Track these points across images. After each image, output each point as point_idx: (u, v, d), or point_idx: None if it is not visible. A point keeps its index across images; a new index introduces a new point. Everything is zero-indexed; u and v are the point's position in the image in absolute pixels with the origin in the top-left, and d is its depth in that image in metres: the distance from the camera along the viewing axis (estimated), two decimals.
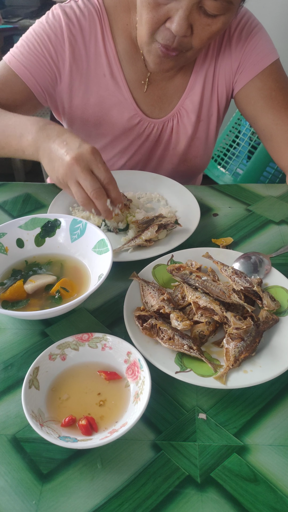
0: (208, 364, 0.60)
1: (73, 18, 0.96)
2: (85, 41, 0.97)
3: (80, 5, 0.97)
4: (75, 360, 0.61)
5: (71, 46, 0.96)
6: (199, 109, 1.05)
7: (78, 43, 0.97)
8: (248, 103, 1.03)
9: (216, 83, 1.03)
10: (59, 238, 0.78)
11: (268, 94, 1.00)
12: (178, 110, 1.05)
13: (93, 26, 0.97)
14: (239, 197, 1.01)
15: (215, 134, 1.13)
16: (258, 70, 0.99)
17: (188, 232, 0.84)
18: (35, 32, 0.96)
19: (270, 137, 1.03)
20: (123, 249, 0.82)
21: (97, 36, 0.97)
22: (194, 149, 1.12)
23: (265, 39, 1.00)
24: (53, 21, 0.96)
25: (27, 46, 0.96)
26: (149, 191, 0.98)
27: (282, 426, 0.57)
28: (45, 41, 0.95)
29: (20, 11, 2.32)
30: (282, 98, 1.00)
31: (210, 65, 1.02)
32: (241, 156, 2.06)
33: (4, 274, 0.74)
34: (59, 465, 0.53)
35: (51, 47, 0.96)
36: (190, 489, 0.51)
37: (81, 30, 0.96)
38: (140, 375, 0.58)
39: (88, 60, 0.98)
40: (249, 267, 0.76)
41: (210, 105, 1.06)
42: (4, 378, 0.63)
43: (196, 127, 1.07)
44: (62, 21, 0.95)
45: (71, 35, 0.96)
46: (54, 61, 0.97)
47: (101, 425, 0.55)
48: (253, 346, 0.61)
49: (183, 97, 1.04)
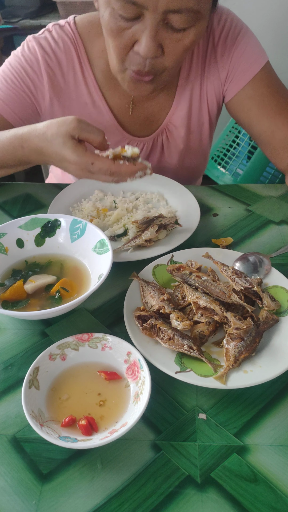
0: (208, 364, 0.60)
1: (49, 51, 0.94)
2: (63, 73, 0.95)
3: (54, 36, 0.94)
4: (75, 360, 0.61)
5: (49, 79, 0.95)
6: (188, 123, 1.03)
7: (57, 75, 0.95)
8: (241, 111, 1.01)
9: (204, 94, 1.01)
10: (59, 238, 0.78)
11: (261, 101, 0.97)
12: (166, 126, 1.03)
13: (70, 56, 0.95)
14: (239, 197, 1.01)
15: (209, 142, 1.11)
16: (248, 78, 0.96)
17: (188, 232, 0.84)
18: (12, 67, 0.95)
19: (267, 143, 1.02)
20: (123, 249, 0.82)
21: (74, 67, 0.95)
22: (188, 159, 1.10)
23: (252, 43, 0.96)
24: (29, 54, 0.94)
25: (5, 81, 0.94)
26: (149, 191, 0.98)
27: (282, 426, 0.57)
28: (23, 76, 0.94)
29: (20, 12, 2.32)
30: (275, 103, 0.97)
31: (196, 77, 0.99)
32: (241, 156, 2.06)
33: (4, 274, 0.74)
34: (59, 465, 0.53)
35: (29, 81, 0.94)
36: (190, 489, 0.51)
37: (58, 63, 0.95)
38: (140, 375, 0.58)
39: (69, 91, 0.97)
40: (249, 267, 0.76)
41: (200, 116, 1.04)
42: (4, 378, 0.63)
43: (187, 140, 1.06)
44: (38, 54, 0.93)
45: (48, 68, 0.94)
46: (34, 95, 0.96)
47: (101, 425, 0.55)
48: (253, 346, 0.61)
49: (170, 113, 1.02)
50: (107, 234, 0.85)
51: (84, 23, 0.96)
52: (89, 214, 0.90)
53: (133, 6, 0.72)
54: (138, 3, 0.71)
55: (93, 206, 0.91)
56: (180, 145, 1.06)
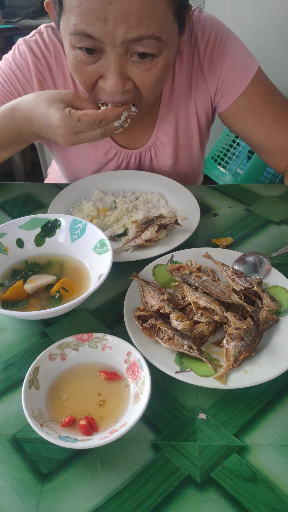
0: (208, 364, 0.60)
1: (39, 55, 0.93)
2: (54, 78, 0.95)
3: (45, 39, 0.93)
4: (75, 360, 0.61)
5: (39, 84, 0.94)
6: (175, 139, 1.01)
7: (47, 80, 0.95)
8: (236, 122, 0.99)
9: (192, 110, 0.98)
10: (59, 238, 0.79)
11: (256, 113, 0.95)
12: (154, 142, 1.02)
13: (60, 60, 0.94)
14: (239, 197, 1.01)
15: (200, 152, 1.09)
16: (240, 90, 0.93)
17: (188, 232, 0.84)
18: (2, 71, 0.95)
19: (264, 151, 1.02)
20: (123, 249, 0.82)
21: (65, 72, 0.95)
22: (179, 171, 1.09)
23: (239, 53, 0.92)
24: (20, 59, 0.93)
25: None
26: (149, 191, 0.98)
27: (282, 426, 0.57)
28: (13, 80, 0.94)
29: (20, 11, 2.32)
30: (269, 113, 0.95)
31: (181, 95, 0.96)
32: (241, 156, 2.07)
33: (4, 274, 0.74)
34: (59, 465, 0.53)
35: (19, 86, 0.94)
36: (190, 489, 0.51)
37: (49, 67, 0.94)
38: (140, 375, 0.58)
39: None
40: (249, 267, 0.76)
41: (188, 131, 1.02)
42: (4, 378, 0.63)
43: (176, 155, 1.04)
44: (28, 59, 0.93)
45: (38, 73, 0.94)
46: None
47: (101, 425, 0.55)
48: (253, 346, 0.61)
49: (155, 131, 1.00)
50: (107, 234, 0.85)
51: None
52: (89, 214, 0.90)
53: (91, 41, 0.70)
54: (95, 37, 0.69)
55: (93, 206, 0.91)
56: (169, 161, 1.04)
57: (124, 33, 0.68)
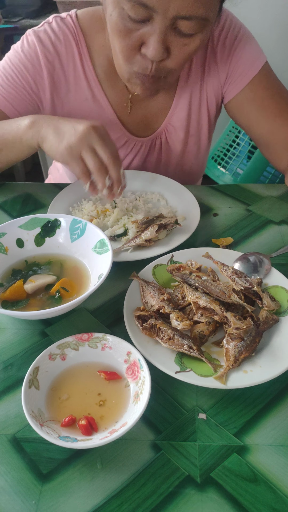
0: (208, 364, 0.60)
1: (49, 45, 0.93)
2: (63, 67, 0.95)
3: (54, 28, 0.93)
4: (75, 360, 0.61)
5: (49, 74, 0.94)
6: (187, 125, 1.03)
7: (57, 69, 0.95)
8: (241, 113, 1.01)
9: (204, 96, 1.01)
10: (59, 238, 0.78)
11: (260, 104, 0.97)
12: (165, 128, 1.03)
13: (70, 49, 0.94)
14: (239, 197, 1.01)
15: (207, 144, 1.11)
16: (247, 80, 0.96)
17: (188, 232, 0.84)
18: (12, 63, 0.94)
19: (266, 145, 1.02)
20: (123, 249, 0.82)
21: (75, 60, 0.95)
22: (186, 162, 1.10)
23: (250, 45, 0.96)
24: (28, 49, 0.93)
25: (5, 78, 0.94)
26: (149, 191, 0.98)
27: (282, 426, 0.57)
28: (23, 72, 0.94)
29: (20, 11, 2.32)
30: (274, 106, 0.97)
31: (196, 80, 0.99)
32: (241, 156, 2.06)
33: (4, 274, 0.74)
34: (59, 465, 0.53)
35: (29, 78, 0.94)
36: (190, 489, 0.51)
37: (58, 56, 0.94)
38: (140, 375, 0.58)
39: (68, 85, 0.97)
40: (249, 267, 0.76)
41: (199, 118, 1.03)
42: (4, 378, 0.63)
43: (185, 143, 1.06)
44: (37, 49, 0.92)
45: (48, 63, 0.93)
46: (34, 92, 0.96)
47: (101, 425, 0.55)
48: (253, 346, 0.61)
49: (169, 115, 1.02)
50: (107, 234, 0.85)
51: (86, 17, 0.96)
52: (89, 214, 0.90)
53: (143, 9, 0.71)
54: (149, 6, 0.70)
55: (93, 206, 0.91)
56: (178, 147, 1.06)
57: (177, 9, 0.70)
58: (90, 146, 0.76)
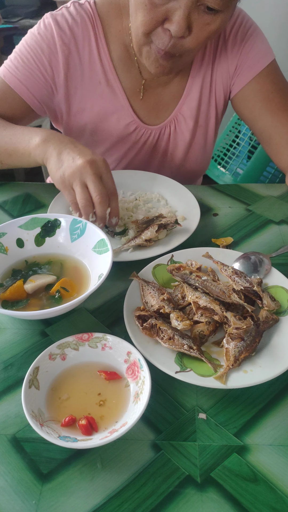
0: (208, 364, 0.60)
1: (65, 27, 0.94)
2: (79, 49, 0.96)
3: (72, 12, 0.95)
4: (75, 360, 0.61)
5: (64, 56, 0.95)
6: (197, 115, 1.04)
7: (72, 52, 0.95)
8: (246, 106, 1.02)
9: (213, 87, 1.03)
10: (59, 238, 0.78)
11: (266, 97, 0.99)
12: (175, 116, 1.04)
13: (86, 32, 0.95)
14: (239, 197, 1.01)
15: (213, 138, 1.12)
16: (255, 72, 0.98)
17: (188, 232, 0.84)
18: (28, 45, 0.95)
19: (268, 139, 1.03)
20: (123, 249, 0.82)
21: (90, 43, 0.96)
22: (192, 155, 1.11)
23: (260, 40, 0.99)
24: (45, 31, 0.94)
25: (21, 60, 0.95)
26: (149, 191, 0.98)
27: (282, 426, 0.57)
28: (39, 54, 0.94)
29: (20, 11, 2.32)
30: (279, 100, 0.99)
31: (207, 69, 1.01)
32: (241, 156, 2.06)
33: (4, 274, 0.74)
34: (59, 465, 0.53)
35: (45, 60, 0.95)
36: (190, 489, 0.51)
37: (74, 38, 0.95)
38: (140, 375, 0.58)
39: (83, 69, 0.97)
40: (249, 267, 0.76)
41: (208, 109, 1.05)
42: (4, 378, 0.63)
43: (194, 133, 1.07)
44: (54, 32, 0.94)
45: (63, 46, 0.94)
46: (49, 74, 0.96)
47: (101, 425, 0.55)
48: (253, 346, 0.61)
49: (180, 103, 1.03)
50: (105, 229, 0.85)
51: (104, 4, 0.97)
52: None
53: None
54: None
55: None
56: (187, 137, 1.07)
57: None
58: (82, 181, 0.77)
